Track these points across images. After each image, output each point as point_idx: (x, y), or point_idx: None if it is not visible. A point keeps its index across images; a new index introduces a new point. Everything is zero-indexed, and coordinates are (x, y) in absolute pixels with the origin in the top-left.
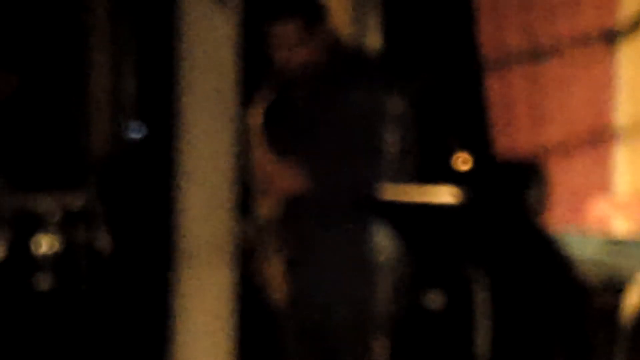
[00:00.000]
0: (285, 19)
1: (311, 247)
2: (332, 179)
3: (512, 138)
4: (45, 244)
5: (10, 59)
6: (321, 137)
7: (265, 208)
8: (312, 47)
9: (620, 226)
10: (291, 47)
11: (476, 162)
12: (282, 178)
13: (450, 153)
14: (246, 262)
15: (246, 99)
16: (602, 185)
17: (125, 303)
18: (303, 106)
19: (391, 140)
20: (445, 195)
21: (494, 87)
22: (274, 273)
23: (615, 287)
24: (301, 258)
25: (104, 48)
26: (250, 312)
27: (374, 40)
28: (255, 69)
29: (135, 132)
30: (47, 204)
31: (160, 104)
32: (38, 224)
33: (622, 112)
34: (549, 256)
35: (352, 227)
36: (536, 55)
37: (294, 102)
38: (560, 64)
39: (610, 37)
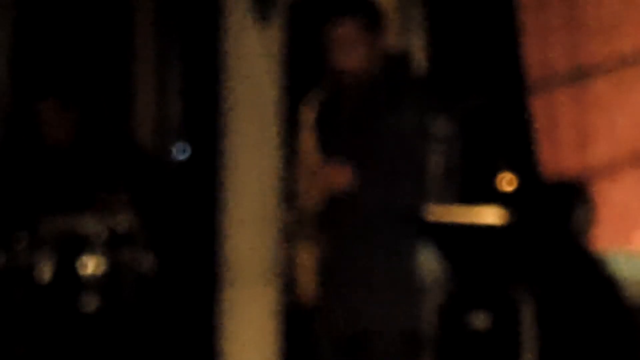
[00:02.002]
0: (345, 19)
1: (350, 252)
2: (377, 183)
3: (557, 158)
4: (91, 266)
5: (65, 90)
6: (367, 143)
7: (308, 202)
8: (368, 52)
9: None
10: (348, 49)
11: (521, 182)
12: (328, 177)
13: (495, 173)
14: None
15: (292, 118)
16: None
17: (171, 324)
18: (353, 110)
19: (437, 160)
20: (490, 216)
21: (539, 107)
22: (308, 266)
23: None
24: (338, 260)
25: (149, 70)
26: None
27: (419, 62)
28: (304, 78)
29: (181, 153)
30: (93, 226)
31: (205, 125)
32: (84, 245)
33: None
34: (595, 277)
35: (395, 244)
36: (581, 76)
37: (344, 104)
38: (606, 84)
39: None
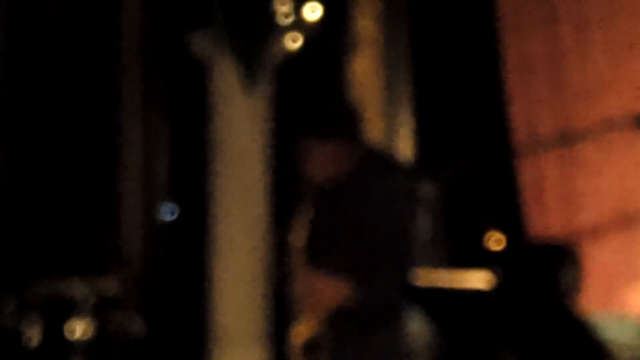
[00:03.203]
0: (324, 138)
1: (349, 348)
2: (370, 285)
3: (544, 220)
4: (79, 330)
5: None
6: (354, 243)
7: (304, 330)
8: (345, 160)
9: None
10: (326, 164)
11: (509, 243)
12: (324, 291)
13: (482, 233)
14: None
15: (277, 179)
16: (637, 269)
17: None
18: (333, 215)
19: (424, 226)
20: (478, 280)
21: (526, 169)
22: None
23: None
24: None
25: (136, 132)
26: None
27: (406, 126)
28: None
29: (168, 215)
30: (80, 289)
31: (192, 185)
32: (72, 309)
33: None
34: (583, 340)
35: (388, 320)
36: (567, 139)
37: (324, 213)
38: (592, 147)
39: None
